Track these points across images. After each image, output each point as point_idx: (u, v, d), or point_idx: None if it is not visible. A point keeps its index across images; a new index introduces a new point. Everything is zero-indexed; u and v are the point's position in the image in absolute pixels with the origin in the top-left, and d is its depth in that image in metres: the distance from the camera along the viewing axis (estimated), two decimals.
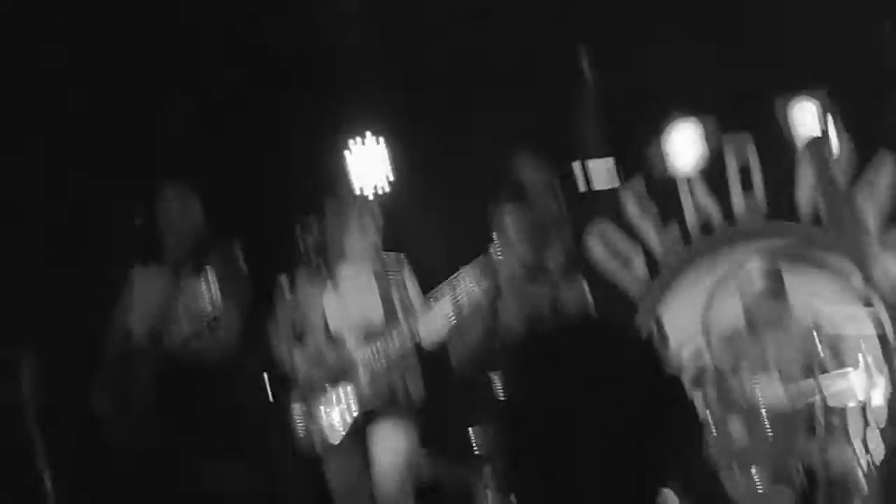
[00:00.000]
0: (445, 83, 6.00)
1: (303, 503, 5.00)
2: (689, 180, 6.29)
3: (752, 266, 5.44)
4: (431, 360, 4.75)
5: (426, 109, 6.06)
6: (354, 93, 6.05)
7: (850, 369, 4.88)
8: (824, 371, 4.88)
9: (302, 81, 6.03)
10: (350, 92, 6.05)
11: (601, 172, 6.20)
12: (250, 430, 4.99)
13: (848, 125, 5.71)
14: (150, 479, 4.53)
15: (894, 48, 5.54)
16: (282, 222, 4.95)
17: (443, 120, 6.03)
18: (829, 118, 5.71)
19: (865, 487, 4.76)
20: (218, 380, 4.73)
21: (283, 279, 4.78)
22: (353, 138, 6.10)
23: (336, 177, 6.03)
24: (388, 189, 5.98)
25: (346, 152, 6.11)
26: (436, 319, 4.56)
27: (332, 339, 4.77)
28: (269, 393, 4.91)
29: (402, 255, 4.89)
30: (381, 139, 6.08)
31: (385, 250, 4.86)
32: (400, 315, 4.71)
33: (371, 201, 5.03)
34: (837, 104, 5.67)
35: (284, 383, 4.78)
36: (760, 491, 4.87)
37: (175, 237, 5.03)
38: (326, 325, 4.79)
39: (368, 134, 6.10)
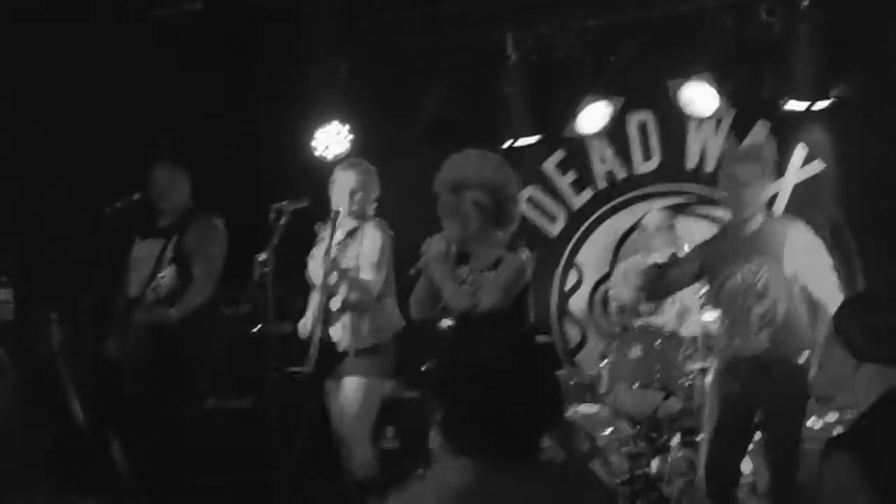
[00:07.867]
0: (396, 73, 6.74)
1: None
2: (600, 150, 6.98)
3: (650, 217, 6.29)
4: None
5: (380, 98, 6.78)
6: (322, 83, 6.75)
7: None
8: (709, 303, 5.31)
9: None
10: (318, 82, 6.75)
11: (530, 147, 6.80)
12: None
13: (730, 101, 6.35)
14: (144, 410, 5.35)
15: (766, 35, 6.16)
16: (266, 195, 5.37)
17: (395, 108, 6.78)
18: (715, 96, 6.27)
19: None
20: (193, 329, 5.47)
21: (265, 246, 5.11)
22: (322, 125, 6.81)
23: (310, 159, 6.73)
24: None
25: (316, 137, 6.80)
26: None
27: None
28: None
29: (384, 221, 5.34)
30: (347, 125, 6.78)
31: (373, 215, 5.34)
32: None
33: (370, 167, 5.37)
34: (721, 85, 6.25)
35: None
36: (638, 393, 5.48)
37: (166, 209, 5.71)
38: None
39: (336, 122, 6.81)
